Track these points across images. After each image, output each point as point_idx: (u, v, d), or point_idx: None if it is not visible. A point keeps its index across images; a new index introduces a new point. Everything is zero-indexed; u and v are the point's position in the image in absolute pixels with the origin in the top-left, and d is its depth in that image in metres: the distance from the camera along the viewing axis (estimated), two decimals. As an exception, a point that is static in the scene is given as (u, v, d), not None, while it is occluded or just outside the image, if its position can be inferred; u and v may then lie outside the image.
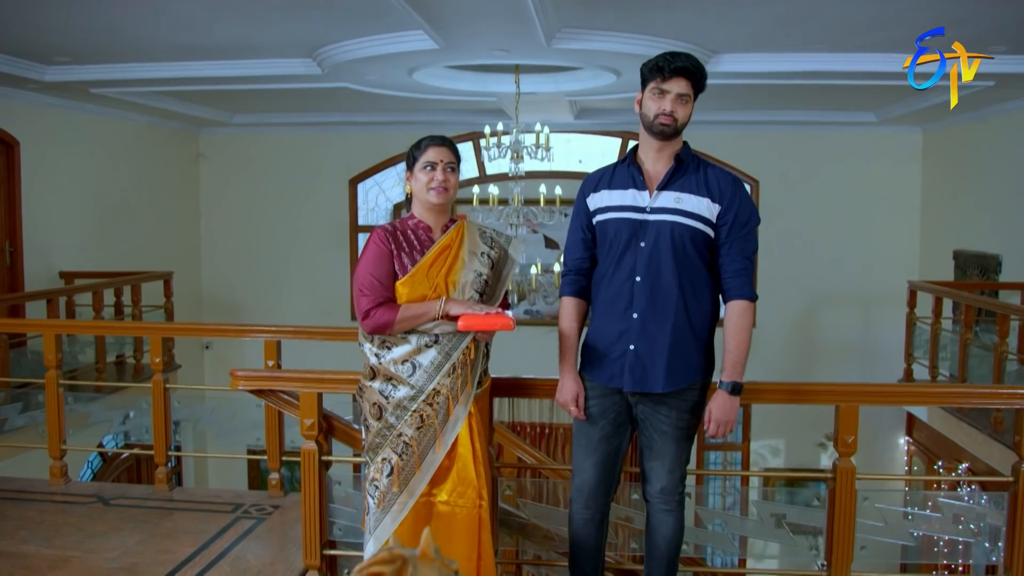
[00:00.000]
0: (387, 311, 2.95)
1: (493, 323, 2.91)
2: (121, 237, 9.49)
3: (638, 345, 2.98)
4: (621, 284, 3.01)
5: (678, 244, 2.94)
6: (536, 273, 7.20)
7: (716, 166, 3.07)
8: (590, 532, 3.21)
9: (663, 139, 2.98)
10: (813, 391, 3.45)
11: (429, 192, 3.04)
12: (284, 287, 11.20)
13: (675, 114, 2.94)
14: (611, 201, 3.06)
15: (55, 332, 4.91)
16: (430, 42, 5.99)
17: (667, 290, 2.95)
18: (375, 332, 3.00)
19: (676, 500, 3.14)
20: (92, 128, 8.98)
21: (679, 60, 2.93)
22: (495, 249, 3.16)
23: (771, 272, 10.48)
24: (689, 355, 2.99)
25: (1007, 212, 8.28)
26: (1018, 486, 3.20)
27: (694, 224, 2.95)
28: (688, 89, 2.94)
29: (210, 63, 7.01)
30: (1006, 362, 6.30)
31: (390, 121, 10.36)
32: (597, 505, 3.18)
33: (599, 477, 3.14)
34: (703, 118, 10.04)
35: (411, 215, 3.12)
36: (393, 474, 3.01)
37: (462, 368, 3.07)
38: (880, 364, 9.62)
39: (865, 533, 3.39)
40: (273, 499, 4.82)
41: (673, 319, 2.95)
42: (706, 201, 2.96)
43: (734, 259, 2.98)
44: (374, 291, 2.96)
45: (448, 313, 2.96)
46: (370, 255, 3.01)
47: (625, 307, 3.00)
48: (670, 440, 3.05)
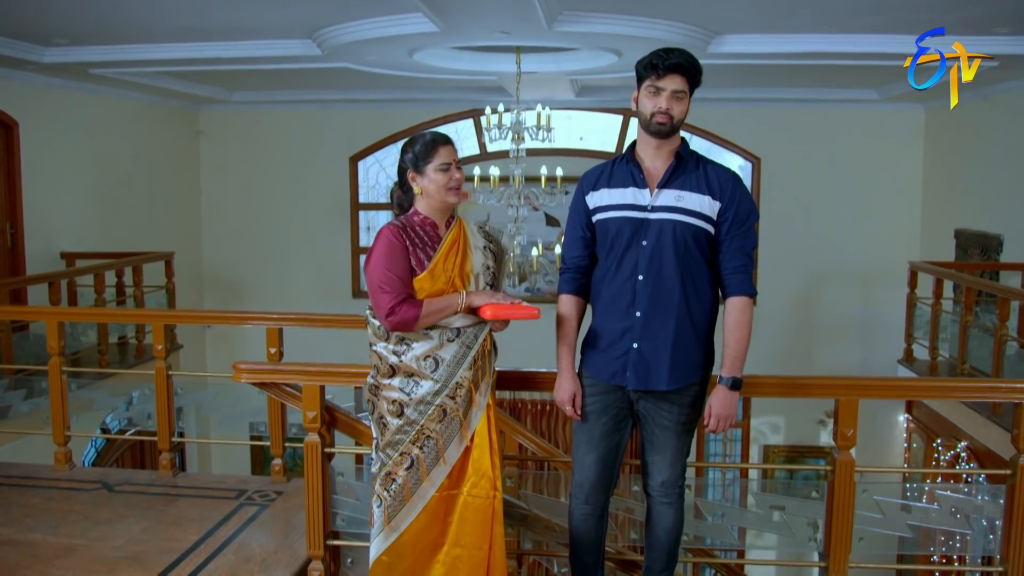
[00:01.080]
0: (411, 307, 2.95)
1: (520, 313, 2.96)
2: (122, 216, 9.49)
3: (641, 343, 2.99)
4: (623, 283, 3.01)
5: (680, 242, 2.95)
6: (537, 255, 7.20)
7: (715, 163, 3.07)
8: (590, 527, 3.25)
9: (660, 137, 2.98)
10: (812, 385, 3.46)
11: (448, 192, 3.05)
12: (285, 265, 11.21)
13: (671, 111, 2.93)
14: (611, 200, 3.05)
15: (57, 320, 4.92)
16: (430, 25, 5.95)
17: (670, 288, 2.96)
18: (398, 329, 2.99)
19: (676, 493, 3.18)
20: (92, 107, 8.95)
21: (673, 57, 2.91)
22: (493, 243, 3.21)
23: (772, 250, 10.49)
24: (691, 352, 3.01)
25: (1009, 192, 8.25)
26: (1016, 479, 3.22)
27: (695, 222, 2.96)
28: (683, 86, 2.93)
29: (210, 44, 6.98)
30: (1006, 345, 6.32)
31: (391, 99, 10.32)
32: (597, 501, 3.21)
33: (599, 473, 3.18)
34: (704, 95, 9.98)
35: (415, 211, 3.11)
36: (414, 467, 3.05)
37: (482, 359, 3.11)
38: (881, 342, 9.65)
39: (863, 524, 3.42)
40: (276, 484, 4.86)
41: (676, 317, 2.96)
42: (707, 199, 2.96)
43: (734, 256, 2.99)
44: (394, 287, 2.94)
45: (472, 305, 2.99)
46: (385, 251, 2.98)
47: (628, 305, 3.00)
48: (672, 435, 3.09)
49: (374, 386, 3.10)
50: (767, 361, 10.20)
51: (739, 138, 10.55)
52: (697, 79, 2.96)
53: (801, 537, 3.52)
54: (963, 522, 3.41)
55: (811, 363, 10.58)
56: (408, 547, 3.08)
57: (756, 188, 10.56)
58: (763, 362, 10.06)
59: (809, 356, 10.61)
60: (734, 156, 10.68)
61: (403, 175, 3.11)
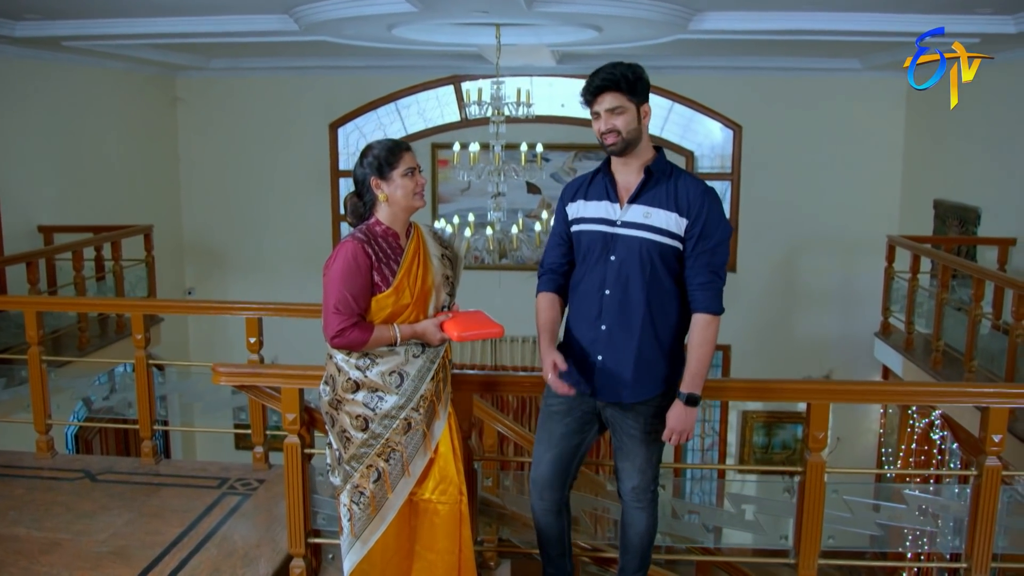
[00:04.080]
0: (361, 331, 2.95)
1: (486, 333, 2.99)
2: (100, 186, 9.38)
3: (605, 356, 3.04)
4: (592, 295, 3.05)
5: (646, 260, 2.96)
6: (516, 232, 7.20)
7: (688, 176, 3.05)
8: (550, 521, 3.32)
9: (618, 156, 3.00)
10: (783, 389, 3.52)
11: (415, 197, 3.04)
12: (266, 232, 11.14)
13: (615, 128, 2.93)
14: (586, 212, 3.08)
15: (36, 309, 4.91)
16: (407, 5, 5.87)
17: (635, 305, 2.99)
18: (344, 349, 3.02)
19: (648, 498, 3.24)
20: (65, 77, 8.79)
21: (596, 78, 2.93)
22: (448, 249, 3.21)
23: (753, 217, 10.54)
24: (654, 367, 3.04)
25: (988, 165, 8.29)
26: (981, 480, 3.31)
27: (662, 240, 2.96)
28: (618, 101, 2.92)
29: (184, 19, 6.86)
30: (979, 326, 6.40)
31: (371, 65, 10.19)
32: (552, 497, 3.28)
33: (554, 472, 3.24)
34: (686, 64, 10.01)
35: (377, 221, 3.06)
36: (381, 479, 3.08)
37: (443, 371, 3.17)
38: (859, 312, 9.75)
39: (832, 523, 3.50)
40: (258, 472, 4.91)
41: (639, 334, 3.00)
42: (674, 216, 2.95)
43: (699, 272, 2.98)
44: (348, 310, 2.94)
45: (415, 334, 3.01)
46: (346, 269, 2.95)
47: (595, 318, 3.05)
48: (638, 443, 3.13)
49: (335, 400, 3.10)
50: (746, 330, 10.39)
51: (721, 106, 10.51)
52: (634, 87, 2.93)
53: (772, 536, 3.60)
54: (930, 521, 3.50)
55: (790, 332, 10.68)
56: (379, 556, 3.14)
57: (737, 156, 10.56)
58: (742, 331, 10.31)
59: (788, 325, 10.70)
60: (715, 124, 10.65)
61: (363, 183, 3.06)
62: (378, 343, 2.99)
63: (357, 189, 3.10)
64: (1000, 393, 3.37)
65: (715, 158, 10.76)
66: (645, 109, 2.97)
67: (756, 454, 11.07)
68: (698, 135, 10.74)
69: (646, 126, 3.00)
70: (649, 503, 3.24)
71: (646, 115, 2.97)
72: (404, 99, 10.95)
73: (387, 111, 11.02)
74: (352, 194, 3.14)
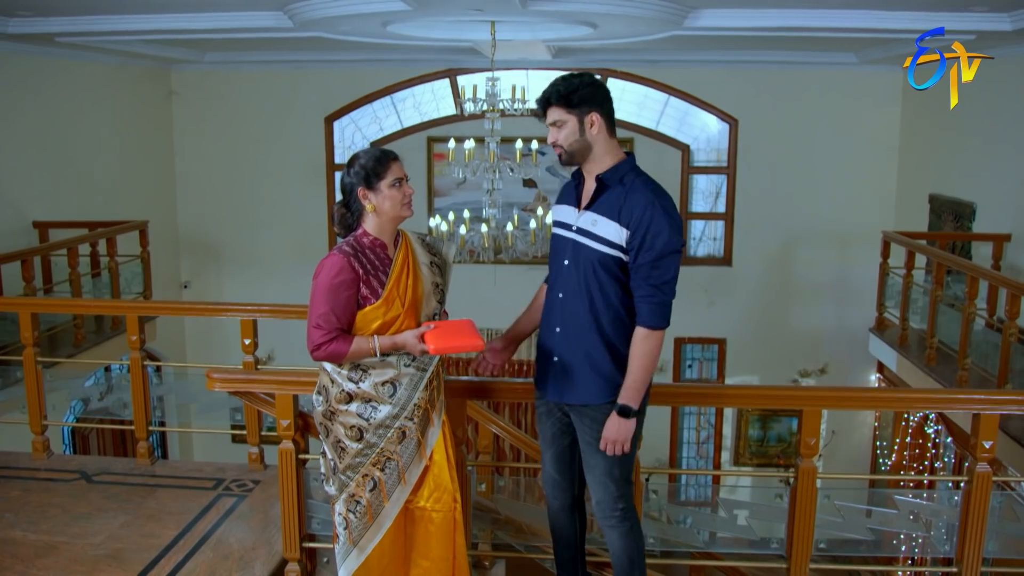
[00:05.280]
0: (339, 344, 2.95)
1: (464, 347, 2.98)
2: (95, 181, 9.36)
3: (560, 357, 3.10)
4: (552, 297, 3.14)
5: (588, 267, 3.00)
6: (511, 230, 7.20)
7: (642, 188, 2.97)
8: (563, 519, 3.35)
9: (568, 166, 3.09)
10: (777, 395, 3.53)
11: (404, 207, 3.04)
12: (261, 226, 11.13)
13: (556, 141, 3.00)
14: (557, 215, 3.17)
15: (31, 311, 4.91)
16: (401, 3, 5.86)
17: (582, 309, 3.02)
18: (324, 361, 3.03)
19: (617, 516, 3.16)
20: (59, 72, 8.75)
21: (539, 97, 3.01)
22: (437, 256, 3.21)
23: (749, 210, 10.55)
24: (605, 372, 3.03)
25: (983, 160, 8.29)
26: (972, 485, 3.33)
27: (603, 249, 2.97)
28: (556, 115, 2.97)
29: (178, 15, 6.84)
30: (973, 323, 6.42)
31: (366, 59, 10.17)
32: (563, 495, 3.31)
33: (557, 469, 3.29)
34: (682, 57, 10.00)
35: (364, 232, 3.05)
36: (377, 488, 3.09)
37: (436, 379, 3.17)
38: (855, 305, 9.77)
39: (824, 528, 3.52)
40: (253, 473, 4.92)
41: (587, 338, 3.03)
42: (615, 226, 2.94)
43: (639, 286, 2.95)
44: (329, 324, 2.93)
45: (394, 345, 2.99)
46: (331, 283, 2.93)
47: (553, 320, 3.13)
48: (594, 451, 3.09)
49: (329, 412, 3.10)
50: (742, 324, 10.42)
51: (717, 99, 10.50)
52: (569, 100, 2.93)
53: (764, 542, 3.62)
54: (921, 526, 3.52)
55: (785, 326, 10.70)
56: (376, 563, 3.16)
57: (733, 149, 10.57)
58: (737, 325, 10.28)
59: (783, 318, 10.72)
60: (711, 117, 10.65)
61: (350, 193, 3.03)
62: (357, 355, 2.98)
63: (344, 199, 3.07)
64: (991, 400, 3.38)
65: (711, 151, 10.76)
66: (592, 119, 2.95)
67: (751, 447, 11.11)
68: (694, 129, 10.74)
69: (595, 135, 2.97)
70: (619, 521, 3.16)
71: (592, 124, 2.95)
72: (400, 92, 10.94)
73: (383, 104, 11.00)
74: (339, 204, 3.10)
